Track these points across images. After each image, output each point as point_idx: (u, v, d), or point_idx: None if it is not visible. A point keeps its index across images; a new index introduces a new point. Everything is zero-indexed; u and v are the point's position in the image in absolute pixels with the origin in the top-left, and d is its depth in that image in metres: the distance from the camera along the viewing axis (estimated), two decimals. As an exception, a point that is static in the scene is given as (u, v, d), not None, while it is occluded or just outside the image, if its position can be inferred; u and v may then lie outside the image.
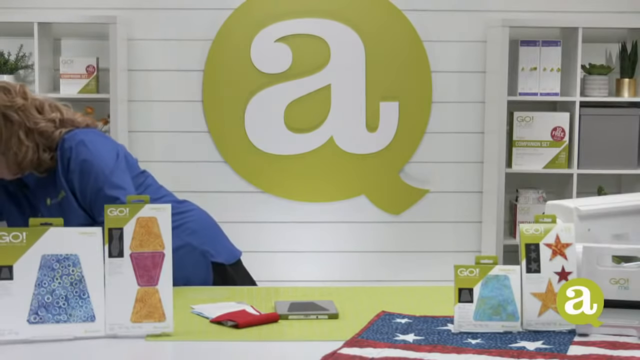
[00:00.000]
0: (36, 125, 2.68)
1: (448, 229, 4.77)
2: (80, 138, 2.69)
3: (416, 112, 4.69)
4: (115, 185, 2.65)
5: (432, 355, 2.07)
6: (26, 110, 2.69)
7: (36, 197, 2.74)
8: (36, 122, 2.69)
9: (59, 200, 2.69)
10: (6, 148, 2.66)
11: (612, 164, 4.52)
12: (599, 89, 4.53)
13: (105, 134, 2.82)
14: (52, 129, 2.70)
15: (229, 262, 2.90)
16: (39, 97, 2.77)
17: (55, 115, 2.74)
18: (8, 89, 2.70)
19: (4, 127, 2.66)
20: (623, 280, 2.23)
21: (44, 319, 2.18)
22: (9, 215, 2.79)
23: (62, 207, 2.69)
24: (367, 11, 4.63)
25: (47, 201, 2.72)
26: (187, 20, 4.62)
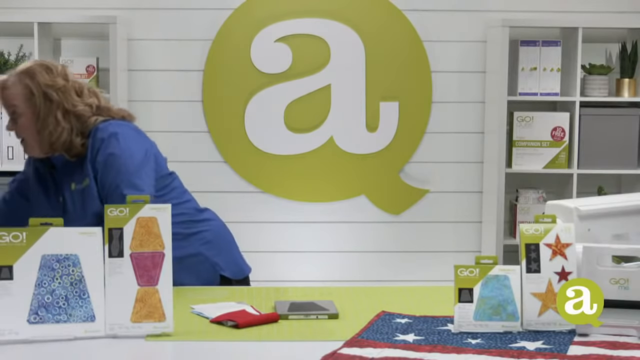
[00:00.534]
0: (74, 108, 2.71)
1: (448, 229, 4.77)
2: (114, 130, 2.70)
3: (416, 112, 4.69)
4: (134, 185, 2.64)
5: (432, 355, 2.07)
6: (66, 92, 2.71)
7: (62, 180, 2.76)
8: (74, 104, 2.71)
9: (83, 187, 2.70)
10: (43, 126, 2.68)
11: (612, 164, 4.52)
12: (599, 89, 4.53)
13: (139, 130, 2.81)
14: (89, 114, 2.72)
15: (236, 277, 2.90)
16: (79, 81, 2.80)
17: (92, 100, 2.76)
18: (50, 68, 2.73)
19: (43, 105, 2.68)
20: (623, 280, 2.23)
21: (44, 319, 2.18)
22: (36, 196, 2.81)
23: (84, 194, 2.70)
24: (367, 11, 4.63)
25: (72, 186, 2.73)
26: (187, 20, 4.62)
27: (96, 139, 2.68)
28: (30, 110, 2.70)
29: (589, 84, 4.54)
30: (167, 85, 4.65)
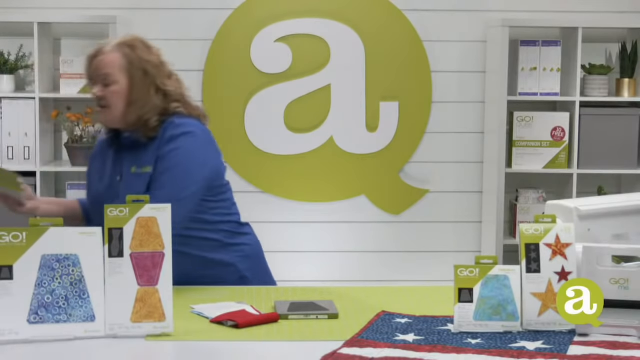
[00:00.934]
0: (164, 87, 2.76)
1: (448, 229, 4.77)
2: (187, 130, 2.73)
3: (416, 112, 4.69)
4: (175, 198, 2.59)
5: (432, 355, 2.07)
6: (160, 70, 2.78)
7: (124, 161, 2.77)
8: (164, 84, 2.76)
9: (142, 172, 2.72)
10: (135, 98, 2.72)
11: (612, 164, 4.52)
12: (599, 89, 4.53)
13: (211, 136, 2.83)
14: (172, 98, 2.78)
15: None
16: (169, 66, 2.85)
17: (177, 86, 2.81)
18: (149, 45, 2.80)
19: (141, 79, 2.73)
20: (623, 280, 2.23)
21: (44, 319, 2.18)
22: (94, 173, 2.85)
23: (141, 179, 2.72)
24: (367, 11, 4.63)
25: (133, 169, 2.75)
26: (187, 20, 4.62)
27: (170, 133, 2.71)
28: (125, 81, 2.73)
29: (589, 84, 4.54)
30: (167, 85, 4.65)
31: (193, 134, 2.73)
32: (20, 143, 4.41)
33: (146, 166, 2.72)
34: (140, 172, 2.73)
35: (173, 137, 2.70)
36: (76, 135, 4.47)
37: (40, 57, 4.36)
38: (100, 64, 2.75)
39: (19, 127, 4.41)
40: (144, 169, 2.73)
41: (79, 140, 4.47)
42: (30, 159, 4.40)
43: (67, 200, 2.89)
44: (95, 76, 2.76)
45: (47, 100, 4.48)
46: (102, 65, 2.74)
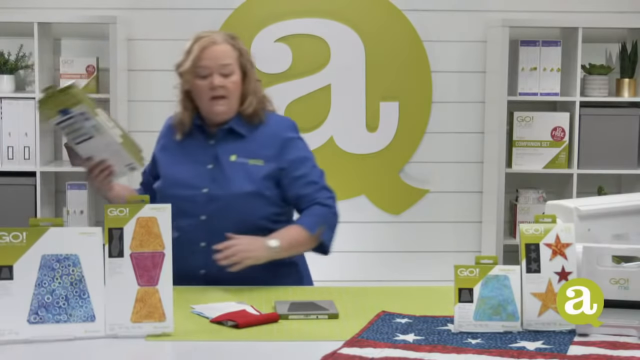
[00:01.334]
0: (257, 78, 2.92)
1: (448, 229, 4.77)
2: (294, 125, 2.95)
3: (416, 112, 4.69)
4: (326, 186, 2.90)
5: (432, 355, 2.07)
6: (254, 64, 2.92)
7: (220, 150, 2.82)
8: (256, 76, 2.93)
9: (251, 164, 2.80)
10: (250, 90, 2.85)
11: (612, 164, 4.52)
12: (599, 89, 4.53)
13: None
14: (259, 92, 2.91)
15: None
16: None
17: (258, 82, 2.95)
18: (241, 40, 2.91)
19: (250, 70, 2.87)
20: (623, 280, 2.23)
21: (44, 319, 2.18)
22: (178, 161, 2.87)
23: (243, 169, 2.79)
24: (367, 11, 4.63)
25: (232, 157, 2.81)
26: (187, 20, 4.62)
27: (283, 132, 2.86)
28: (239, 71, 2.83)
29: (589, 84, 4.54)
30: (167, 85, 4.62)
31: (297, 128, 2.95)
32: (20, 143, 4.41)
33: (255, 159, 2.80)
34: (244, 162, 2.79)
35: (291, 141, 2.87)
36: (76, 135, 4.46)
37: (40, 57, 4.36)
38: (219, 54, 2.80)
39: (19, 127, 4.41)
40: (251, 161, 2.80)
41: (79, 140, 4.46)
42: (30, 159, 4.40)
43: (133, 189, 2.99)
44: (212, 65, 2.79)
45: (47, 100, 4.48)
46: (220, 55, 2.80)
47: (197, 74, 2.81)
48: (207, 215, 2.77)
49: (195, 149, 2.86)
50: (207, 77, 2.80)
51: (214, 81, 2.79)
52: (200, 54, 2.80)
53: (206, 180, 2.79)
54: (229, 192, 2.76)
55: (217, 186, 2.78)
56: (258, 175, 2.79)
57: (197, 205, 2.77)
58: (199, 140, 2.86)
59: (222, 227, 2.74)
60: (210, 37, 2.83)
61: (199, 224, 2.77)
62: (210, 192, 2.77)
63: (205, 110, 2.84)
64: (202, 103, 2.83)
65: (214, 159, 2.82)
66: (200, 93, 2.82)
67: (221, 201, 2.77)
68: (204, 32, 2.87)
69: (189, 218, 2.76)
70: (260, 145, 2.83)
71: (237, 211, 2.77)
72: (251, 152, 2.82)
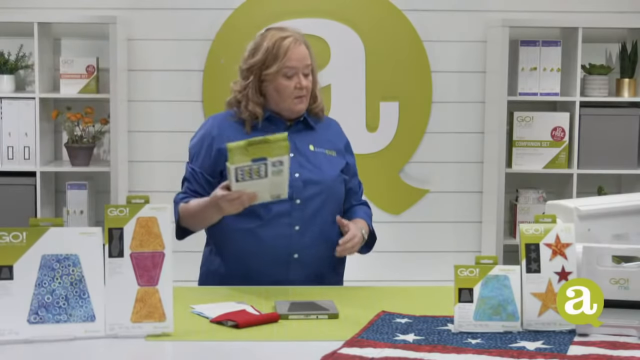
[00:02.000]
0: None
1: (448, 229, 4.76)
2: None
3: (416, 112, 4.69)
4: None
5: (432, 355, 2.07)
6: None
7: (299, 139, 2.88)
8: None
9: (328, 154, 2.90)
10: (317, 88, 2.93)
11: (612, 164, 4.52)
12: (599, 89, 4.53)
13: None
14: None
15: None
16: None
17: None
18: None
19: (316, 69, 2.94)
20: (623, 280, 2.23)
21: (44, 319, 2.18)
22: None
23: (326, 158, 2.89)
24: (367, 11, 4.63)
25: (311, 147, 2.88)
26: (187, 20, 4.62)
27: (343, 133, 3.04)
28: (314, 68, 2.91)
29: (589, 84, 4.54)
30: (167, 85, 4.65)
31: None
32: (20, 143, 4.41)
33: (329, 149, 2.92)
34: (323, 152, 2.90)
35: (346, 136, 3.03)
36: (76, 135, 4.47)
37: (40, 57, 4.36)
38: (304, 54, 2.85)
39: (19, 127, 4.41)
40: (328, 152, 2.91)
41: (79, 140, 4.46)
42: (30, 159, 4.40)
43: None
44: (299, 66, 2.83)
45: (47, 100, 4.48)
46: (304, 55, 2.85)
47: (284, 74, 2.83)
48: (301, 199, 2.80)
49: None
50: (292, 77, 2.83)
51: (301, 82, 2.83)
52: (289, 54, 2.82)
53: (295, 167, 2.80)
54: (322, 177, 2.84)
55: (308, 172, 2.83)
56: (339, 165, 2.91)
57: (292, 189, 2.76)
58: (271, 131, 2.83)
59: (316, 211, 2.81)
60: (293, 36, 2.85)
61: (295, 207, 2.80)
62: (302, 176, 2.81)
63: (284, 108, 2.87)
64: (284, 101, 2.85)
65: (293, 149, 2.83)
66: (283, 92, 2.84)
67: (316, 185, 2.82)
68: (280, 29, 2.90)
69: (284, 202, 2.75)
70: (329, 139, 2.94)
71: (332, 195, 2.86)
72: (323, 143, 2.91)
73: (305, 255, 2.80)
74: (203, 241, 3.03)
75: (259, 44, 2.88)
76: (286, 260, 2.79)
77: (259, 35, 2.92)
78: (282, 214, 2.79)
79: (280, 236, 2.79)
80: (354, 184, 3.02)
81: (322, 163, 2.87)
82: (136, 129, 4.64)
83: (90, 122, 4.47)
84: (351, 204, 2.99)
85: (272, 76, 2.84)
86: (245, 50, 2.94)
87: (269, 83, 2.85)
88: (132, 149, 4.62)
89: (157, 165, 4.65)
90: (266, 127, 2.86)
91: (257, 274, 2.78)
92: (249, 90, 2.87)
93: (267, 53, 2.84)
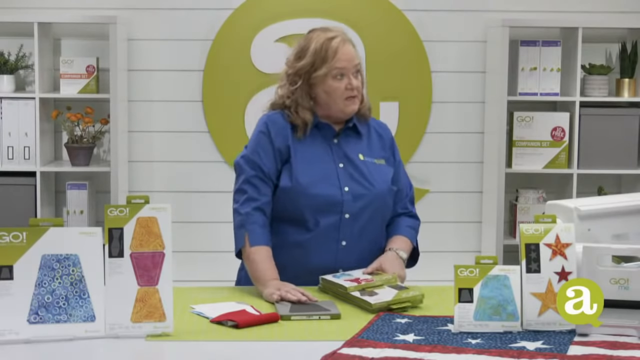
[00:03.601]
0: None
1: (448, 229, 4.77)
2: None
3: (416, 112, 4.69)
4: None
5: (432, 355, 2.07)
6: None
7: (349, 148, 2.84)
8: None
9: (377, 163, 2.85)
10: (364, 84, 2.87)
11: (612, 164, 4.52)
12: (599, 89, 4.53)
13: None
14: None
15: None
16: None
17: None
18: None
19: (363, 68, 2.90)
20: (623, 280, 2.23)
21: (44, 319, 2.18)
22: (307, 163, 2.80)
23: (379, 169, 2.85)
24: (367, 11, 4.63)
25: (360, 156, 2.83)
26: (187, 20, 4.62)
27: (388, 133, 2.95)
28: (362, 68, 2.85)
29: (589, 84, 4.54)
30: (167, 85, 4.65)
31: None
32: (20, 143, 4.41)
33: (380, 159, 2.87)
34: (373, 161, 2.85)
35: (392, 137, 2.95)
36: (76, 135, 4.47)
37: (40, 57, 4.36)
38: (352, 54, 2.80)
39: (19, 127, 4.41)
40: (378, 161, 2.86)
41: (79, 140, 4.46)
42: (30, 159, 4.40)
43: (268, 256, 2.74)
44: (348, 67, 2.78)
45: (47, 100, 4.48)
46: (353, 54, 2.81)
47: (333, 75, 2.77)
48: (350, 214, 2.76)
49: (322, 147, 2.82)
50: (342, 78, 2.78)
51: (352, 83, 2.78)
52: (338, 55, 2.77)
53: (345, 179, 2.78)
54: (373, 191, 2.79)
55: (358, 185, 2.79)
56: (388, 175, 2.86)
57: (341, 203, 2.75)
58: (321, 139, 2.83)
59: (364, 226, 2.78)
60: (340, 36, 2.81)
61: (343, 222, 2.76)
62: (352, 190, 2.77)
63: (336, 110, 2.80)
64: (336, 103, 2.79)
65: (343, 158, 2.81)
66: (334, 93, 2.78)
67: (366, 199, 2.78)
68: (325, 29, 2.85)
69: (332, 216, 2.74)
70: (376, 146, 2.88)
71: (380, 209, 2.82)
72: (373, 152, 2.87)
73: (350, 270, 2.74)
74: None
75: (304, 46, 2.82)
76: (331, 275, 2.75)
77: (303, 38, 2.86)
78: (330, 228, 2.75)
79: (326, 251, 2.76)
80: (403, 185, 2.94)
81: (372, 174, 2.81)
82: (136, 129, 4.64)
83: (91, 122, 4.47)
84: (397, 212, 2.92)
85: (321, 78, 2.77)
86: (291, 54, 2.87)
87: (318, 86, 2.78)
88: (132, 149, 4.62)
89: (157, 165, 4.65)
90: (315, 133, 2.82)
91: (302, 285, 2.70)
92: (298, 95, 2.80)
93: (315, 55, 2.78)
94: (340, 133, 2.84)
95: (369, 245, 2.80)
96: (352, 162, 2.81)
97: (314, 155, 2.80)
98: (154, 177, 4.66)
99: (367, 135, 2.88)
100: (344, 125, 2.84)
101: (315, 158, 2.80)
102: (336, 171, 2.79)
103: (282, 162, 2.79)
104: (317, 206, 2.73)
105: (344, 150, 2.82)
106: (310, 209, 2.73)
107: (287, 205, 2.76)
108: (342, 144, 2.83)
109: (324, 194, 2.74)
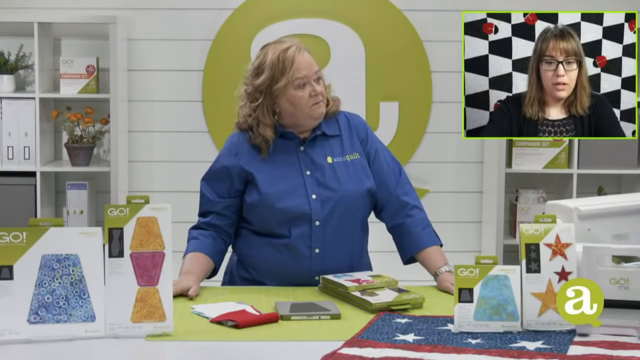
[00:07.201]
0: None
1: (448, 229, 4.76)
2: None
3: (416, 112, 4.69)
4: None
5: (432, 355, 2.07)
6: None
7: (315, 153, 2.82)
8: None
9: (348, 160, 2.83)
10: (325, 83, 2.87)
11: (612, 164, 4.52)
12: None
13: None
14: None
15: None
16: None
17: None
18: None
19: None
20: (623, 280, 2.23)
21: (44, 319, 2.18)
22: (272, 176, 2.80)
23: (353, 165, 2.83)
24: (367, 11, 4.63)
25: (329, 159, 2.82)
26: (187, 20, 4.62)
27: (363, 123, 2.94)
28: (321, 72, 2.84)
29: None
30: (167, 85, 4.65)
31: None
32: (20, 143, 4.41)
33: (350, 154, 2.84)
34: (342, 160, 2.83)
35: (369, 131, 2.93)
36: (76, 135, 4.47)
37: (40, 57, 4.36)
38: (310, 61, 2.80)
39: (19, 127, 4.41)
40: (350, 157, 2.84)
41: (79, 140, 4.46)
42: (30, 159, 4.40)
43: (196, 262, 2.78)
44: (309, 74, 2.77)
45: (47, 100, 4.48)
46: (311, 62, 2.80)
47: (296, 85, 2.76)
48: (320, 221, 2.75)
49: (288, 158, 2.81)
50: (304, 86, 2.76)
51: (315, 89, 2.77)
52: (296, 64, 2.77)
53: (312, 186, 2.77)
54: (338, 193, 2.78)
55: (325, 189, 2.77)
56: (361, 171, 2.84)
57: (310, 212, 2.74)
58: (287, 149, 2.82)
59: (336, 231, 2.77)
60: (294, 45, 2.81)
61: (314, 230, 2.75)
62: (319, 196, 2.76)
63: (303, 117, 2.79)
64: (302, 112, 2.77)
65: (310, 165, 2.80)
66: (299, 103, 2.76)
67: (332, 202, 2.76)
68: (278, 42, 2.86)
69: (302, 225, 2.75)
70: (348, 141, 2.87)
71: (350, 211, 2.80)
72: (344, 149, 2.85)
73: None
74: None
75: (261, 61, 2.82)
76: (308, 282, 2.76)
77: (257, 55, 2.87)
78: (303, 237, 2.75)
79: (301, 257, 2.75)
80: (392, 170, 2.90)
81: (341, 176, 2.80)
82: (136, 129, 4.64)
83: (91, 122, 4.47)
84: (406, 214, 2.91)
85: (282, 90, 2.76)
86: (248, 72, 2.87)
87: (280, 97, 2.77)
88: (132, 149, 4.62)
89: (157, 165, 4.65)
90: (281, 144, 2.81)
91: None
92: (260, 112, 2.79)
93: (273, 68, 2.77)
94: (307, 142, 2.83)
95: (344, 250, 2.80)
96: (320, 167, 2.80)
97: (280, 168, 2.80)
98: (154, 177, 4.66)
99: (338, 135, 2.87)
100: (311, 133, 2.83)
101: (280, 171, 2.80)
102: (303, 180, 2.78)
103: (245, 182, 2.82)
104: (286, 219, 2.73)
105: (310, 156, 2.81)
106: (279, 222, 2.74)
107: (257, 218, 2.79)
108: (308, 151, 2.81)
109: (291, 205, 2.74)
